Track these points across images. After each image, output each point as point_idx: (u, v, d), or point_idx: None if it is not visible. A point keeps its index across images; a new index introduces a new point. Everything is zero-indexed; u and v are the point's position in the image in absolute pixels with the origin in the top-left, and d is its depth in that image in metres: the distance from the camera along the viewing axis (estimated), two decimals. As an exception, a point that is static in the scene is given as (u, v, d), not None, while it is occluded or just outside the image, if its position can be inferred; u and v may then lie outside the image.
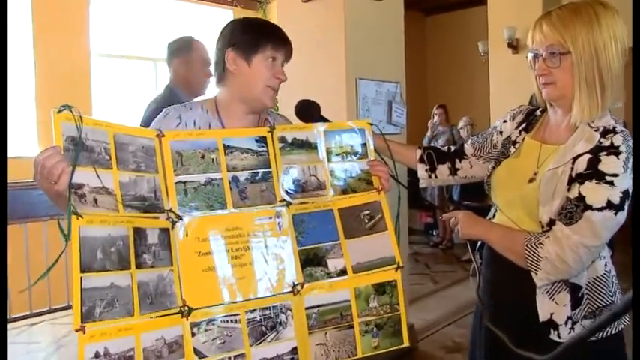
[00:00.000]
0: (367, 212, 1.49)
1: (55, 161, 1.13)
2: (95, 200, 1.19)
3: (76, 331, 1.11)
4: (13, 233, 4.07)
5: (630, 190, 1.24)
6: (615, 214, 1.22)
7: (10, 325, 3.96)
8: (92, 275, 1.15)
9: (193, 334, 1.26)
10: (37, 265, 3.99)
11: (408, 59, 3.51)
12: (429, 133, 6.60)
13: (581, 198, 1.23)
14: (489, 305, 1.46)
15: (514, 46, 5.36)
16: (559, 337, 1.30)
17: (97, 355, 1.13)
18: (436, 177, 1.66)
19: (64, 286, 3.27)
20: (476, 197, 4.81)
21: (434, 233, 6.70)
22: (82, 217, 1.15)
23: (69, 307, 4.12)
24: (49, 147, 1.15)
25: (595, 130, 1.29)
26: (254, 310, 1.33)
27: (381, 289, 1.46)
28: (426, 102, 9.19)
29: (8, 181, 4.00)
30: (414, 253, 6.25)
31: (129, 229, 1.22)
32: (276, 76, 1.50)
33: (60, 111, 1.17)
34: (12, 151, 5.53)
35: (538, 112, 1.49)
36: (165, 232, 1.28)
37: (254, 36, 1.48)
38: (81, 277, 1.13)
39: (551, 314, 1.31)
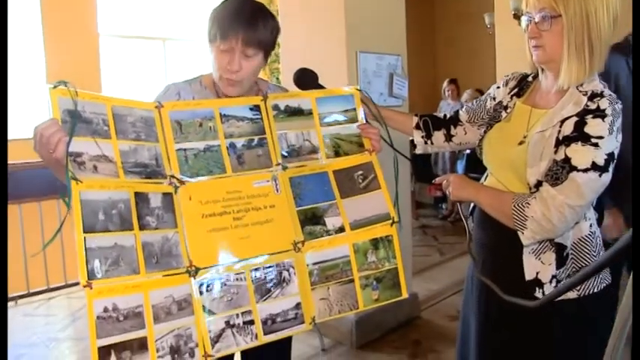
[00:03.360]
0: (360, 172, 1.57)
1: (53, 130, 1.19)
2: (95, 167, 1.24)
3: (84, 287, 1.16)
4: (28, 210, 4.20)
5: (616, 153, 1.27)
6: (600, 175, 1.25)
7: (29, 300, 4.11)
8: (95, 235, 1.20)
9: (201, 293, 1.33)
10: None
11: (417, 33, 3.50)
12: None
13: (567, 159, 1.27)
14: (480, 264, 1.51)
15: (520, 17, 5.30)
16: (544, 295, 1.35)
17: (105, 309, 1.18)
18: (432, 143, 1.71)
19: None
20: (481, 169, 4.83)
21: (443, 207, 6.74)
22: (81, 181, 1.21)
23: (84, 281, 4.23)
24: (47, 119, 1.21)
25: (583, 94, 1.32)
26: (258, 268, 1.40)
27: (378, 244, 1.54)
28: (435, 75, 9.15)
29: (20, 161, 4.12)
30: (423, 225, 6.30)
31: (130, 192, 1.28)
32: (228, 66, 1.46)
33: (55, 87, 1.22)
34: (24, 132, 5.65)
35: (530, 78, 1.52)
36: (168, 197, 1.34)
37: (210, 27, 1.48)
38: (84, 238, 1.19)
39: (537, 273, 1.35)
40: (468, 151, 5.50)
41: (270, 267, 1.42)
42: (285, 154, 1.51)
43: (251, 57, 1.47)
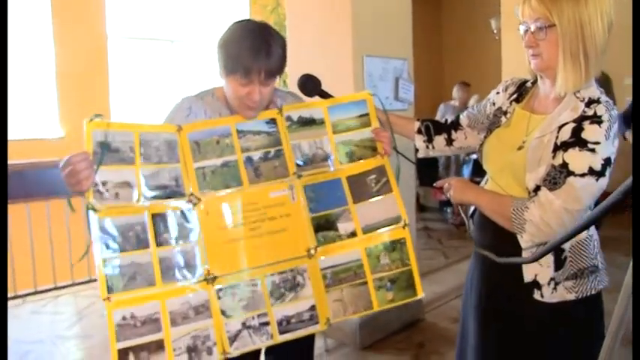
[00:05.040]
0: (373, 177, 1.60)
1: (83, 167, 1.30)
2: (116, 194, 1.36)
3: (104, 300, 1.29)
4: (35, 210, 4.25)
5: (612, 158, 1.30)
6: (597, 179, 1.27)
7: (36, 297, 4.16)
8: (113, 256, 1.33)
9: (219, 298, 1.42)
10: (60, 238, 4.16)
11: (424, 37, 3.52)
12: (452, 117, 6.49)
13: (564, 165, 1.29)
14: (480, 263, 1.54)
15: (526, 22, 5.30)
16: (542, 296, 1.37)
17: (124, 318, 1.31)
18: (433, 147, 1.74)
19: (84, 262, 3.42)
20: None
21: (448, 210, 6.74)
22: (99, 211, 1.32)
23: (90, 280, 4.30)
24: (81, 152, 1.32)
25: (581, 100, 1.34)
26: (273, 274, 1.47)
27: (390, 246, 1.57)
28: (441, 79, 9.17)
29: (31, 161, 4.18)
30: (428, 228, 6.32)
31: (148, 214, 1.39)
32: (248, 97, 1.49)
33: (91, 120, 1.34)
34: (34, 132, 5.72)
35: (529, 84, 1.55)
36: (187, 213, 1.44)
37: (228, 60, 1.47)
38: (103, 260, 1.31)
39: (536, 275, 1.38)
40: (474, 156, 5.51)
41: (284, 273, 1.48)
42: (300, 163, 1.55)
43: (270, 84, 1.50)
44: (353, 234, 1.55)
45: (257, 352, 1.60)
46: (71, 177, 1.30)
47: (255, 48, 1.44)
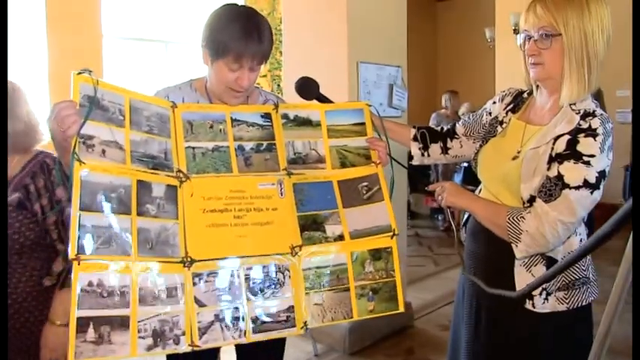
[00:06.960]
0: (365, 184, 1.59)
1: (70, 112, 1.26)
2: (103, 151, 1.30)
3: (72, 260, 1.20)
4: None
5: (607, 170, 1.31)
6: (591, 192, 1.28)
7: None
8: (90, 214, 1.24)
9: (195, 284, 1.35)
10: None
11: (418, 45, 3.54)
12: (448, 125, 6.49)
13: (560, 177, 1.30)
14: (471, 274, 1.54)
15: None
16: (534, 307, 1.38)
17: (90, 284, 1.21)
18: (429, 155, 1.74)
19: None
20: (478, 182, 4.86)
21: (439, 217, 6.76)
22: (84, 163, 1.25)
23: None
24: (66, 99, 1.27)
25: (576, 113, 1.35)
26: (253, 267, 1.42)
27: (377, 254, 1.54)
28: (435, 87, 9.22)
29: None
30: (418, 235, 6.33)
31: (132, 179, 1.32)
32: (237, 82, 1.49)
33: (80, 73, 1.30)
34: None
35: (525, 95, 1.56)
36: (172, 189, 1.39)
37: (219, 43, 1.46)
38: (79, 215, 1.22)
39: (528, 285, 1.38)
40: (465, 164, 5.54)
41: (265, 267, 1.44)
42: (292, 160, 1.54)
43: (257, 69, 1.51)
44: (340, 237, 1.52)
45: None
46: (57, 123, 1.25)
47: (247, 32, 1.44)
